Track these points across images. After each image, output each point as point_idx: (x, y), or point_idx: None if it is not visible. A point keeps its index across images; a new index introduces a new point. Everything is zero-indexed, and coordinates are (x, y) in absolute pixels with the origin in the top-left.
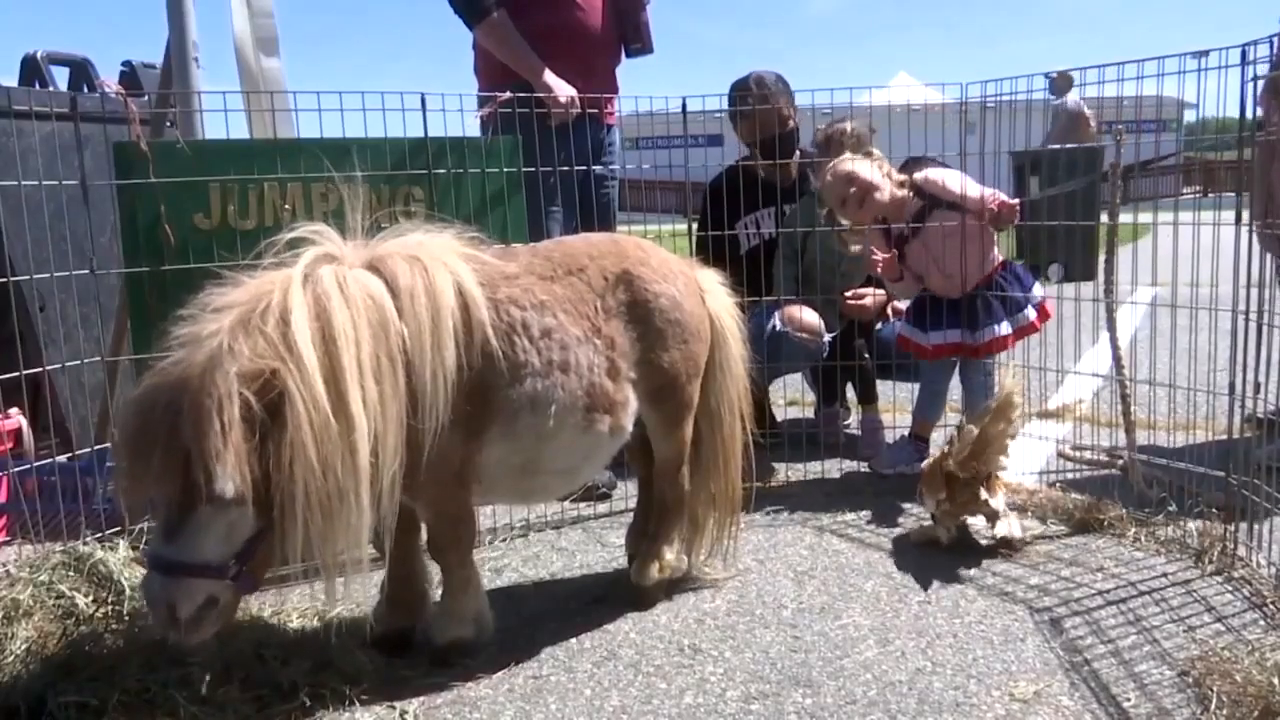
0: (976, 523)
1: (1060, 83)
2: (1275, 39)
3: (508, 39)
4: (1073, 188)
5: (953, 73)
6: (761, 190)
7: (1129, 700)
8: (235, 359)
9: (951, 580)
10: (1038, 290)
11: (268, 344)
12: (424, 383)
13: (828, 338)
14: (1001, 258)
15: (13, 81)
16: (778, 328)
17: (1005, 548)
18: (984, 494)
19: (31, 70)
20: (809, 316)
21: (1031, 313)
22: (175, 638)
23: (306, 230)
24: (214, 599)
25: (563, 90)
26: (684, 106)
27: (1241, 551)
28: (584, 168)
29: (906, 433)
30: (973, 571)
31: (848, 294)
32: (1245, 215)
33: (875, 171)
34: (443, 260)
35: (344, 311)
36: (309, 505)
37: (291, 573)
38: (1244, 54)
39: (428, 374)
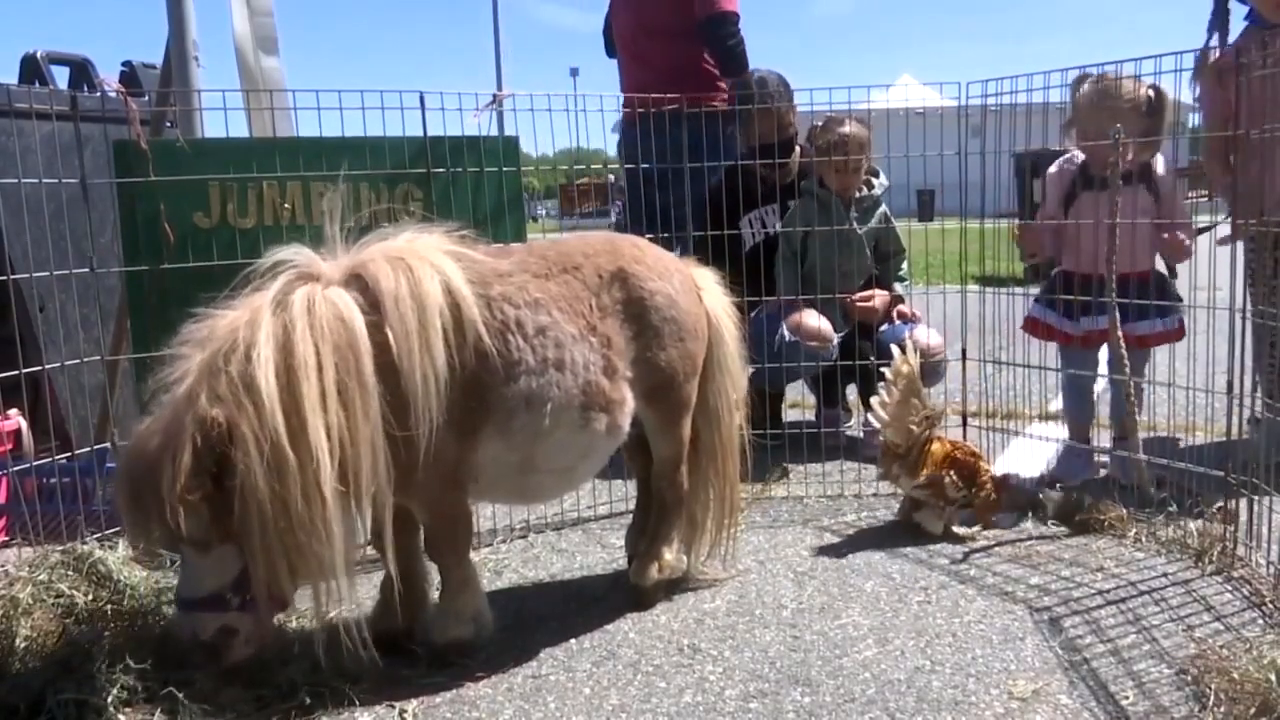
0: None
1: None
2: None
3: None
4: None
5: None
6: (762, 188)
7: (1127, 698)
8: (193, 405)
9: (951, 580)
10: (1168, 320)
11: (229, 385)
12: (414, 385)
13: (836, 340)
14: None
15: (13, 81)
16: (787, 339)
17: (952, 539)
18: (897, 469)
19: (31, 70)
20: (816, 323)
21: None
22: (209, 666)
23: (286, 252)
24: (230, 629)
25: None
26: (683, 107)
27: (1241, 551)
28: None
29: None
30: (972, 571)
31: (855, 296)
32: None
33: None
34: (429, 260)
35: (307, 341)
36: (266, 542)
37: None
38: (1237, 52)
39: (417, 376)
